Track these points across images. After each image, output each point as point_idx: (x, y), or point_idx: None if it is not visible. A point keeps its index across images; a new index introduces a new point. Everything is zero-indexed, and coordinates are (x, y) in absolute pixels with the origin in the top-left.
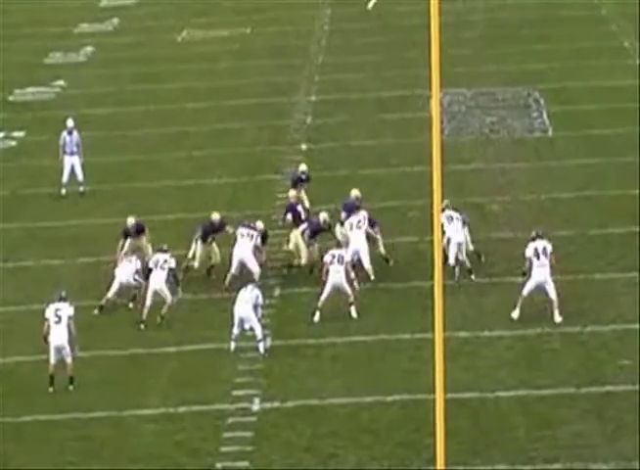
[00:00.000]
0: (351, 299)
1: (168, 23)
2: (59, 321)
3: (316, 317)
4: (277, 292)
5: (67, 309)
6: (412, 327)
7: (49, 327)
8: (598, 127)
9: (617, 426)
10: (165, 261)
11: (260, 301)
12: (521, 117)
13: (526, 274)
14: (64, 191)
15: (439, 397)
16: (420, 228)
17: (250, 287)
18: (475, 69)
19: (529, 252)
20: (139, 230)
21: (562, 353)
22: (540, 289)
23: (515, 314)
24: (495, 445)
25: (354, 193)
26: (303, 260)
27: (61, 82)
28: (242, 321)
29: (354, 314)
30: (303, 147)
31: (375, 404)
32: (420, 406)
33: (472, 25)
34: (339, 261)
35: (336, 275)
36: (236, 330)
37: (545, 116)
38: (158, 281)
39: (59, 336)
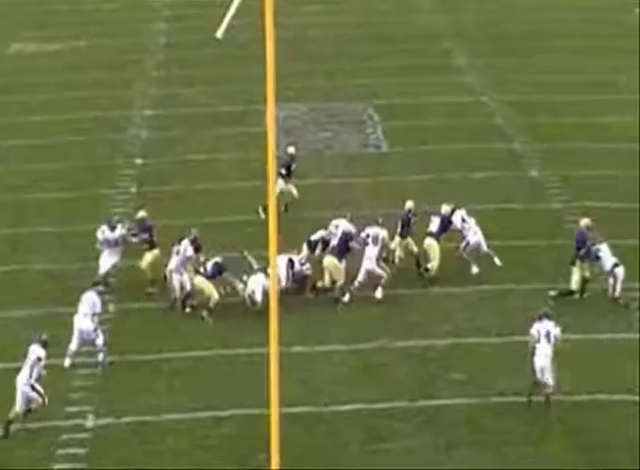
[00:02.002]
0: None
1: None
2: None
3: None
4: (112, 308)
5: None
6: (248, 342)
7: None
8: (431, 143)
9: (451, 439)
10: None
11: (99, 308)
12: (355, 132)
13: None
14: None
15: (274, 411)
16: (257, 243)
17: (89, 294)
18: (310, 84)
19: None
20: None
21: (396, 367)
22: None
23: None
24: (330, 459)
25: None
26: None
27: None
28: (81, 334)
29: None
30: (138, 161)
31: (210, 420)
32: (255, 421)
33: (307, 41)
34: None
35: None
36: (73, 345)
37: (380, 131)
38: None
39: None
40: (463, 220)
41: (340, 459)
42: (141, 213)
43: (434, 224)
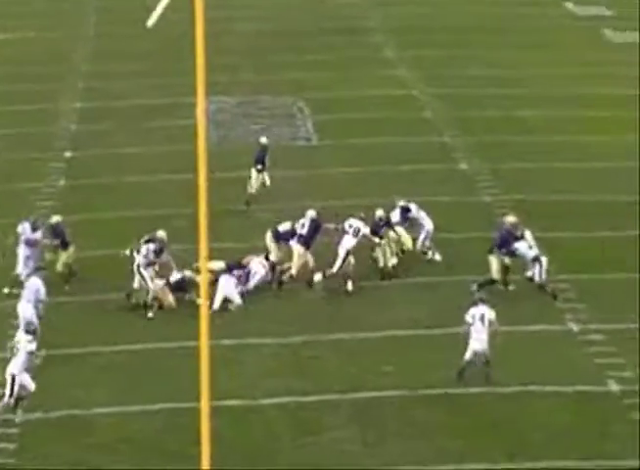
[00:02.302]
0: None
1: None
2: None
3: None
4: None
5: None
6: (179, 335)
7: None
8: (361, 136)
9: (379, 431)
10: None
11: (42, 295)
12: (285, 125)
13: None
14: None
15: (205, 405)
16: (186, 236)
17: (33, 280)
18: (239, 77)
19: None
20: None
21: (326, 360)
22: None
23: None
24: (260, 451)
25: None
26: None
27: None
28: (24, 320)
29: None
30: (67, 154)
31: (141, 414)
32: (186, 415)
33: (235, 34)
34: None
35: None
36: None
37: (309, 124)
38: None
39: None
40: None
41: (270, 452)
42: (55, 218)
43: (396, 215)
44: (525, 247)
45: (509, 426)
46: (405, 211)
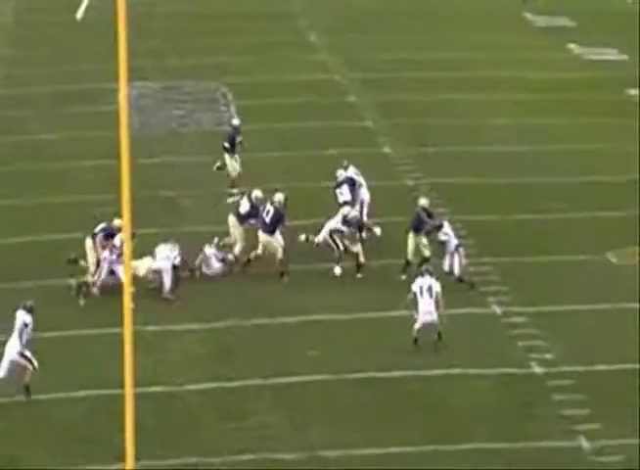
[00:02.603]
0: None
1: None
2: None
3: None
4: None
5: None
6: (102, 322)
7: None
8: (284, 121)
9: (305, 416)
10: None
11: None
12: (209, 110)
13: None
14: None
15: (128, 391)
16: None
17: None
18: (162, 62)
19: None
20: None
21: (250, 346)
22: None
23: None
24: (185, 438)
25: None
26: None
27: None
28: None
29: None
30: None
31: (65, 401)
32: (109, 402)
33: (158, 18)
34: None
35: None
36: None
37: (233, 109)
38: None
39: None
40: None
41: (195, 438)
42: None
43: (345, 192)
44: (450, 232)
45: (435, 409)
46: (352, 183)
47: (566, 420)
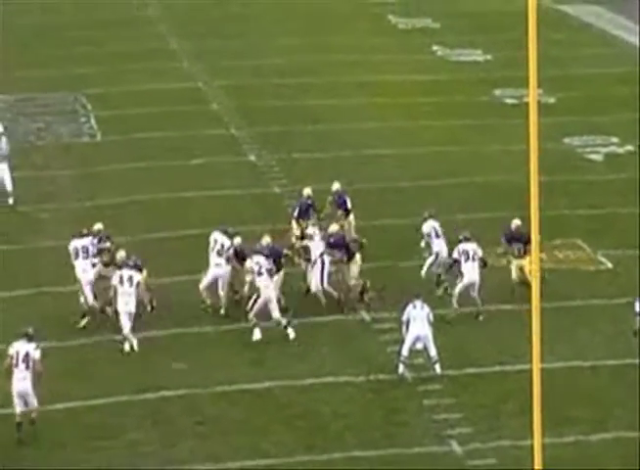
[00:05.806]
0: None
1: None
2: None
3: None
4: None
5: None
6: None
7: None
8: (147, 131)
9: (174, 431)
10: None
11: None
12: (68, 122)
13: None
14: None
15: None
16: None
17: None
18: (16, 74)
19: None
20: None
21: (113, 361)
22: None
23: None
24: (51, 459)
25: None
26: None
27: None
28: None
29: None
30: None
31: None
32: None
33: (11, 29)
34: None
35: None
36: None
37: (93, 120)
38: None
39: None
40: None
41: (61, 460)
42: None
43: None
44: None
45: (305, 418)
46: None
47: (437, 425)
